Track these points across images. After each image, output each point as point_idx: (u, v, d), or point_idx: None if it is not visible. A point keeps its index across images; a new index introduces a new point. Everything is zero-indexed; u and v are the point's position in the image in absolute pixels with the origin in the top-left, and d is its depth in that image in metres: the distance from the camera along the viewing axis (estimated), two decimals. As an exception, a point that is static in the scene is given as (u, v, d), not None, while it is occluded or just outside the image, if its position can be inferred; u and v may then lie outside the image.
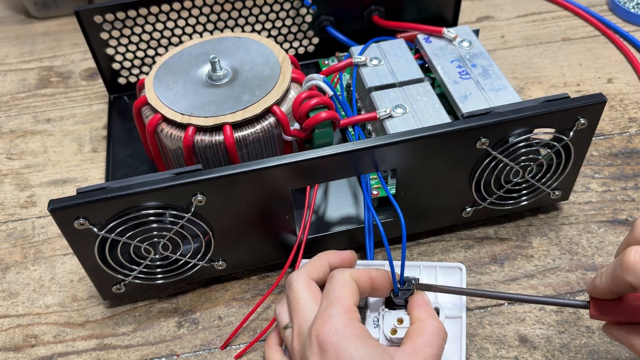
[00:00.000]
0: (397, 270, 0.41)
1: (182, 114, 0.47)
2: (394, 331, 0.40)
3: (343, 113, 0.52)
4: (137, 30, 0.60)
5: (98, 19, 0.58)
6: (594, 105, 0.43)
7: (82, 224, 0.40)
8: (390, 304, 0.42)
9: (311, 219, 0.45)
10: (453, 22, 0.66)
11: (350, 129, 0.52)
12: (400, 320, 0.41)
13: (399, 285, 0.41)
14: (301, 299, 0.38)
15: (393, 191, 0.47)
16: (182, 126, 0.47)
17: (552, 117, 0.43)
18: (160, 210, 0.41)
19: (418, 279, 0.44)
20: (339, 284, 0.38)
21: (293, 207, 0.44)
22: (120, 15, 0.58)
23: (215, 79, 0.49)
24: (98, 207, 0.39)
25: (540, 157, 0.46)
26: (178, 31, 0.61)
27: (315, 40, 0.66)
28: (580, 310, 0.46)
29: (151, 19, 0.60)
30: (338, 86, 0.56)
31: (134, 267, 0.44)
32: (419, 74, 0.53)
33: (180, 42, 0.62)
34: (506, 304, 0.46)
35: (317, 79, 0.48)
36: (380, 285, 0.40)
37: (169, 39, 0.61)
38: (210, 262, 0.46)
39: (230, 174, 0.40)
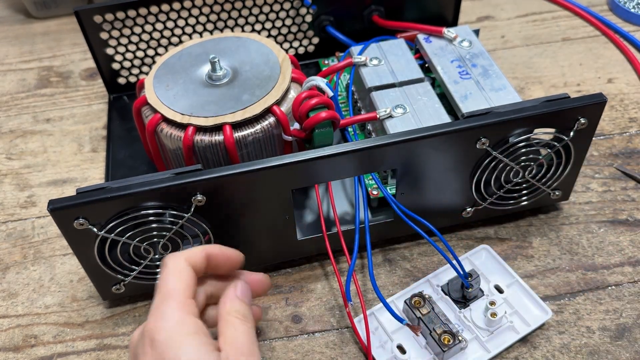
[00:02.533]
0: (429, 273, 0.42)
1: (182, 114, 0.47)
2: (494, 314, 0.43)
3: (345, 113, 0.52)
4: (137, 30, 0.60)
5: (98, 18, 0.58)
6: (594, 105, 0.43)
7: (82, 224, 0.40)
8: (461, 302, 0.45)
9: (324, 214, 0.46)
10: (453, 22, 0.66)
11: (350, 129, 0.52)
12: (493, 303, 0.43)
13: (468, 279, 0.44)
14: (166, 283, 0.36)
15: (393, 191, 0.47)
16: (182, 126, 0.47)
17: (552, 117, 0.43)
18: (160, 210, 0.41)
19: (474, 270, 0.46)
20: (173, 274, 0.35)
21: (293, 207, 0.44)
22: (120, 15, 0.58)
23: (215, 79, 0.49)
24: (98, 207, 0.39)
25: (540, 157, 0.46)
26: (178, 31, 0.61)
27: (315, 40, 0.65)
28: (580, 310, 0.46)
29: (151, 19, 0.60)
30: (337, 87, 0.56)
31: (133, 267, 0.44)
32: (419, 73, 0.53)
33: (180, 42, 0.62)
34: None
35: (317, 80, 0.48)
36: (217, 259, 0.38)
37: (169, 39, 0.61)
38: (210, 262, 0.46)
39: (230, 174, 0.40)
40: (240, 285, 0.38)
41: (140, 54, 0.62)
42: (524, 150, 0.44)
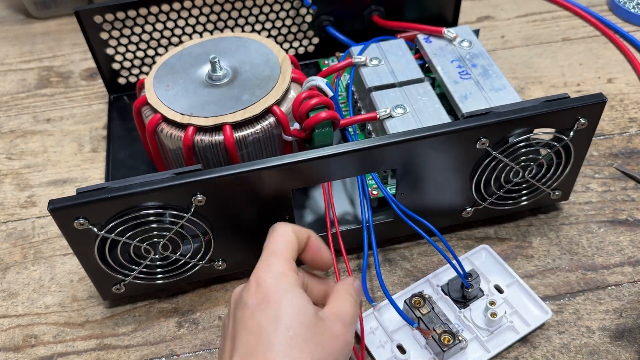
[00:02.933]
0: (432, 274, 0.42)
1: (182, 114, 0.47)
2: (494, 314, 0.43)
3: (345, 113, 0.52)
4: (137, 30, 0.60)
5: (98, 19, 0.58)
6: (594, 105, 0.43)
7: (82, 224, 0.40)
8: (461, 302, 0.45)
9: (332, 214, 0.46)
10: (453, 22, 0.66)
11: (350, 129, 0.52)
12: (493, 303, 0.43)
13: (468, 279, 0.44)
14: (275, 243, 0.38)
15: (393, 191, 0.47)
16: (182, 126, 0.47)
17: (552, 117, 0.43)
18: (160, 211, 0.41)
19: (474, 270, 0.46)
20: (281, 237, 0.38)
21: (293, 207, 0.44)
22: (120, 15, 0.58)
23: (215, 79, 0.49)
24: (98, 207, 0.39)
25: (540, 157, 0.46)
26: (178, 31, 0.61)
27: (315, 40, 0.65)
28: (580, 310, 0.46)
29: (151, 19, 0.60)
30: (337, 87, 0.56)
31: (133, 267, 0.44)
32: (419, 74, 0.53)
33: (180, 42, 0.62)
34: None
35: (317, 80, 0.48)
36: (314, 248, 0.40)
37: (169, 39, 0.61)
38: (210, 262, 0.46)
39: (230, 174, 0.40)
40: (358, 283, 0.40)
41: (140, 54, 0.62)
42: (523, 150, 0.44)
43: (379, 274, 0.45)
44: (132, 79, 0.64)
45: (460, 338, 0.42)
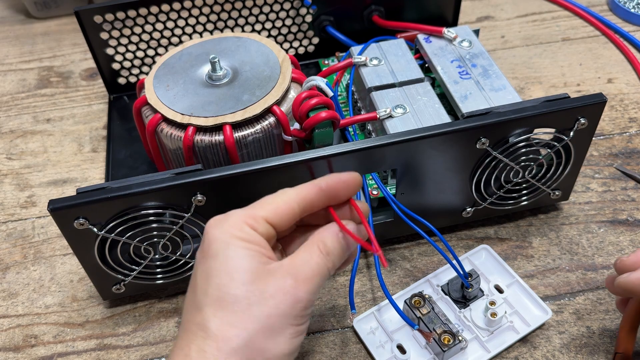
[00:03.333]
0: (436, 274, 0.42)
1: (182, 114, 0.47)
2: (494, 314, 0.43)
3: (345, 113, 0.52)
4: (137, 30, 0.60)
5: (98, 19, 0.58)
6: (594, 105, 0.43)
7: (82, 224, 0.40)
8: (461, 302, 0.45)
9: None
10: (453, 22, 0.66)
11: (350, 129, 0.52)
12: (493, 303, 0.43)
13: (468, 279, 0.44)
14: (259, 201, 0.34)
15: (393, 191, 0.47)
16: (182, 126, 0.47)
17: (552, 117, 0.43)
18: (160, 211, 0.41)
19: (474, 270, 0.45)
20: (272, 195, 0.34)
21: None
22: (120, 15, 0.58)
23: (215, 79, 0.49)
24: (98, 207, 0.39)
25: (540, 157, 0.46)
26: (178, 31, 0.61)
27: (315, 40, 0.65)
28: (580, 310, 0.46)
29: (151, 19, 0.60)
30: (336, 86, 0.56)
31: (133, 267, 0.44)
32: (419, 73, 0.53)
33: (180, 42, 0.62)
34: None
35: (317, 80, 0.48)
36: (331, 189, 0.35)
37: (169, 39, 0.61)
38: (210, 262, 0.46)
39: (230, 174, 0.40)
40: (350, 227, 0.34)
41: (140, 54, 0.62)
42: (524, 150, 0.44)
43: (379, 274, 0.45)
44: (132, 79, 0.64)
45: (460, 338, 0.42)
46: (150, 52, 0.62)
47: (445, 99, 0.52)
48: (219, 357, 0.30)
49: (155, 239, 0.42)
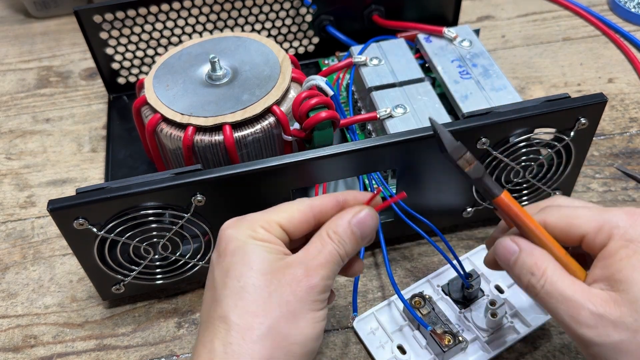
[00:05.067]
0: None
1: (182, 114, 0.47)
2: (494, 314, 0.42)
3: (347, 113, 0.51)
4: (137, 30, 0.60)
5: (97, 18, 0.58)
6: (595, 105, 0.43)
7: (82, 224, 0.39)
8: (461, 303, 0.44)
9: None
10: (453, 22, 0.66)
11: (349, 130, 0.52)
12: (493, 303, 0.42)
13: (468, 279, 0.43)
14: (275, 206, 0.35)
15: (393, 191, 0.47)
16: (182, 126, 0.47)
17: (552, 117, 0.43)
18: (160, 211, 0.41)
19: (474, 271, 0.45)
20: (288, 202, 0.35)
21: (293, 207, 0.44)
22: (120, 15, 0.58)
23: (215, 79, 0.49)
24: (97, 207, 0.39)
25: (540, 157, 0.46)
26: (178, 31, 0.61)
27: (315, 40, 0.65)
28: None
29: (151, 18, 0.59)
30: (338, 86, 0.56)
31: (133, 267, 0.44)
32: (419, 73, 0.52)
33: (180, 42, 0.62)
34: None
35: (317, 79, 0.48)
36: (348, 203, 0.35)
37: (168, 38, 0.61)
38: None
39: (230, 174, 0.40)
40: (364, 214, 0.34)
41: (140, 54, 0.62)
42: (524, 150, 0.44)
43: (389, 271, 0.44)
44: (132, 79, 0.64)
45: (460, 338, 0.42)
46: (150, 52, 0.62)
47: (446, 98, 0.52)
48: (244, 346, 0.30)
49: (155, 239, 0.42)
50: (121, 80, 0.63)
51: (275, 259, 0.32)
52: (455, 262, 0.43)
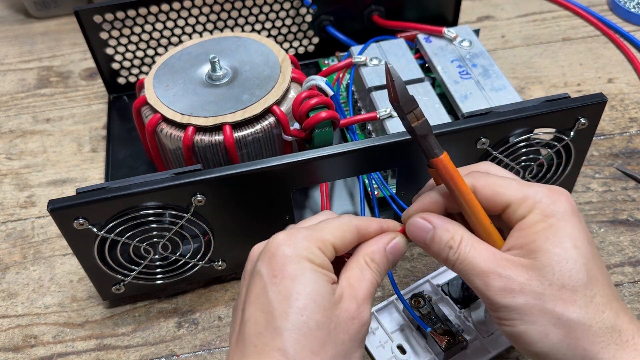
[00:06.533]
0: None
1: (182, 114, 0.47)
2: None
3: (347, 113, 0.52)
4: (137, 30, 0.60)
5: (98, 18, 0.58)
6: (595, 105, 0.43)
7: (82, 224, 0.39)
8: (461, 303, 0.44)
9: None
10: (453, 22, 0.66)
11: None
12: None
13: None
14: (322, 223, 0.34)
15: (393, 191, 0.47)
16: (182, 126, 0.47)
17: (552, 117, 0.43)
18: (160, 211, 0.41)
19: None
20: (334, 219, 0.34)
21: (293, 207, 0.44)
22: (120, 15, 0.58)
23: (215, 79, 0.49)
24: (97, 207, 0.39)
25: (540, 157, 0.46)
26: (178, 31, 0.61)
27: (315, 40, 0.65)
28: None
29: (151, 18, 0.60)
30: (338, 86, 0.56)
31: (133, 267, 0.44)
32: (419, 73, 0.52)
33: (180, 42, 0.62)
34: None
35: (317, 79, 0.48)
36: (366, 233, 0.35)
37: (168, 38, 0.61)
38: (210, 262, 0.46)
39: (230, 174, 0.40)
40: (397, 241, 0.35)
41: (140, 54, 0.62)
42: (524, 150, 0.44)
43: (389, 271, 0.44)
44: (132, 79, 0.64)
45: (460, 338, 0.42)
46: (150, 52, 0.62)
47: (446, 98, 0.52)
48: None
49: (155, 239, 0.42)
50: (121, 80, 0.63)
51: (331, 290, 0.32)
52: None
